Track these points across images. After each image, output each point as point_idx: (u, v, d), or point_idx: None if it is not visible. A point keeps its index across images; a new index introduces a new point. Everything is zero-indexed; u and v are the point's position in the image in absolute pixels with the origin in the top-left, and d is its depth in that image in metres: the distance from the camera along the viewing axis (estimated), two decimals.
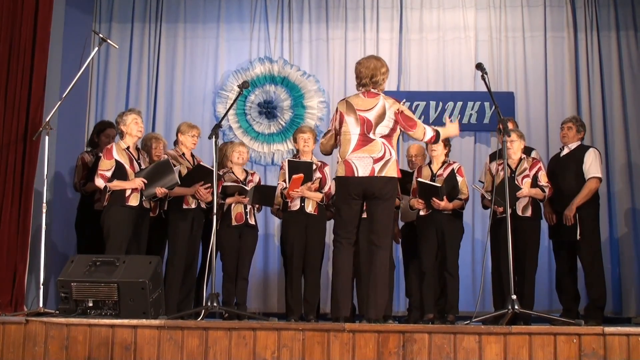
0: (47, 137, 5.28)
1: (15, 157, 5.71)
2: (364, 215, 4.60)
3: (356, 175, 4.45)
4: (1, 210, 5.63)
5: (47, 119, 5.33)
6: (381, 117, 4.50)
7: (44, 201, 5.17)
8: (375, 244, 4.43)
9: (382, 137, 4.50)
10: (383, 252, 4.41)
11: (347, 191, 4.47)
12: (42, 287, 5.09)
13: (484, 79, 4.59)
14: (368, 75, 4.55)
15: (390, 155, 4.49)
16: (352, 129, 4.50)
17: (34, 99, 5.77)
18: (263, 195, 5.84)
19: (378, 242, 4.43)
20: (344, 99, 4.70)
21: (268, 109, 7.66)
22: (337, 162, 4.62)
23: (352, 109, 4.54)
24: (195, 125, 5.87)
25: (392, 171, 4.48)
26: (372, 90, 4.57)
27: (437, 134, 4.69)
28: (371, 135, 4.49)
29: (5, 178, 5.68)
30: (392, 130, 4.53)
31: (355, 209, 4.50)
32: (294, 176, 5.54)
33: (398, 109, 4.55)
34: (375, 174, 4.44)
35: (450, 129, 4.81)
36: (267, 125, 7.67)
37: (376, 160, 4.46)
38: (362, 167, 4.45)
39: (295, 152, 6.20)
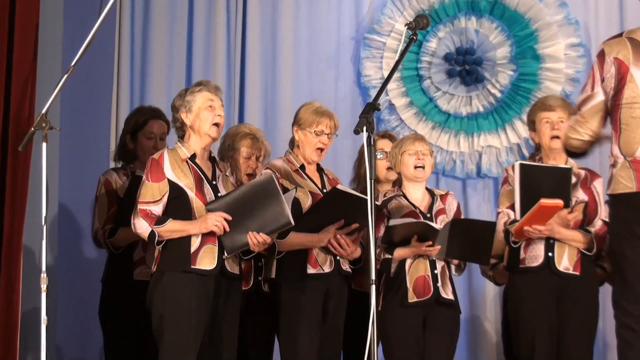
0: (44, 145, 5.13)
1: None
2: None
3: None
4: None
5: (43, 111, 5.17)
6: None
7: (43, 269, 4.99)
8: None
9: None
10: None
11: None
12: None
13: None
14: None
15: None
16: None
17: (17, 79, 5.90)
18: (468, 240, 5.59)
19: None
20: (620, 34, 4.82)
21: (465, 66, 7.51)
22: (613, 165, 4.76)
23: None
24: (328, 112, 5.67)
25: None
26: None
27: None
28: None
29: None
30: None
31: None
32: (543, 202, 5.31)
33: None
34: None
35: None
36: (464, 97, 7.59)
37: None
38: None
39: (534, 150, 6.02)
